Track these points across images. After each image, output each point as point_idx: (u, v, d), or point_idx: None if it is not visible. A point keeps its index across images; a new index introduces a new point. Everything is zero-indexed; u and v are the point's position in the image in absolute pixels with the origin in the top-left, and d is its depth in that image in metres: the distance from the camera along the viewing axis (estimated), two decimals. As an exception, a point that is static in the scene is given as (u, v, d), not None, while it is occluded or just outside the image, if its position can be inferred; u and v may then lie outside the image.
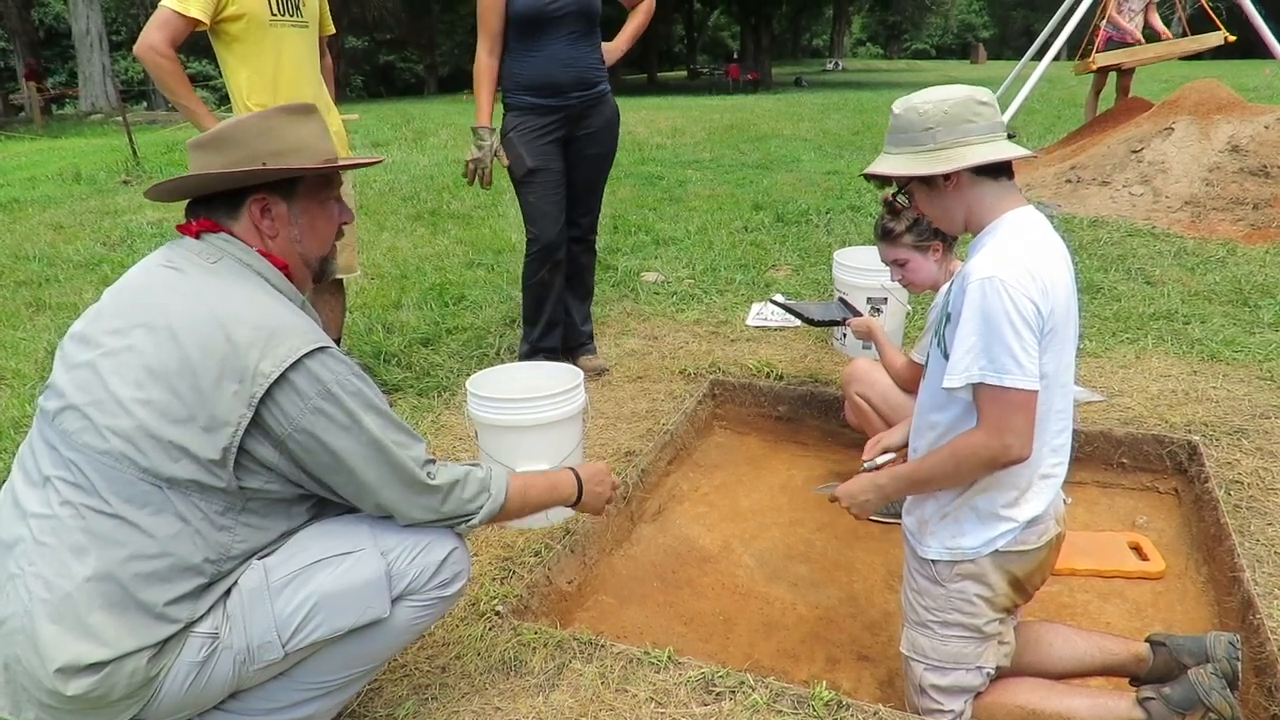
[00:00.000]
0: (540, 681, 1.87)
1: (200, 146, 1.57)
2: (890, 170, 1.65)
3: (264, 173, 1.54)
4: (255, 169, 1.53)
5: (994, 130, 1.62)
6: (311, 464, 1.45)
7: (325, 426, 1.43)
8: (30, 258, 5.68)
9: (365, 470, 1.47)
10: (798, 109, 14.85)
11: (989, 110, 1.62)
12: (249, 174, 1.53)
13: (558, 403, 2.46)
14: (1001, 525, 1.67)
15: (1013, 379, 1.51)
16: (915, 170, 1.62)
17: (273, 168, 1.54)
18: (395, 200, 7.46)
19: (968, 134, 1.59)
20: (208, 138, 1.58)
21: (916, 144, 1.63)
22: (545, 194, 3.38)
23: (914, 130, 1.63)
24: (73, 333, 1.50)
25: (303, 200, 1.61)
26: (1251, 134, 6.04)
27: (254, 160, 1.53)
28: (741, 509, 2.96)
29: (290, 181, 1.59)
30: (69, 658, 1.28)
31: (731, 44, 52.39)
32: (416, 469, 1.52)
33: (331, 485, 1.49)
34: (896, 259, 2.63)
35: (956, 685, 1.77)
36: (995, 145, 1.60)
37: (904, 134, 1.65)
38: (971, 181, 1.63)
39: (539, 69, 3.24)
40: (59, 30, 33.83)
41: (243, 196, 1.56)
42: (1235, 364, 3.47)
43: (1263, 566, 2.23)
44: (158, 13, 2.82)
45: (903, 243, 2.59)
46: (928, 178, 1.63)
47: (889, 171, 1.65)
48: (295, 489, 1.50)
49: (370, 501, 1.51)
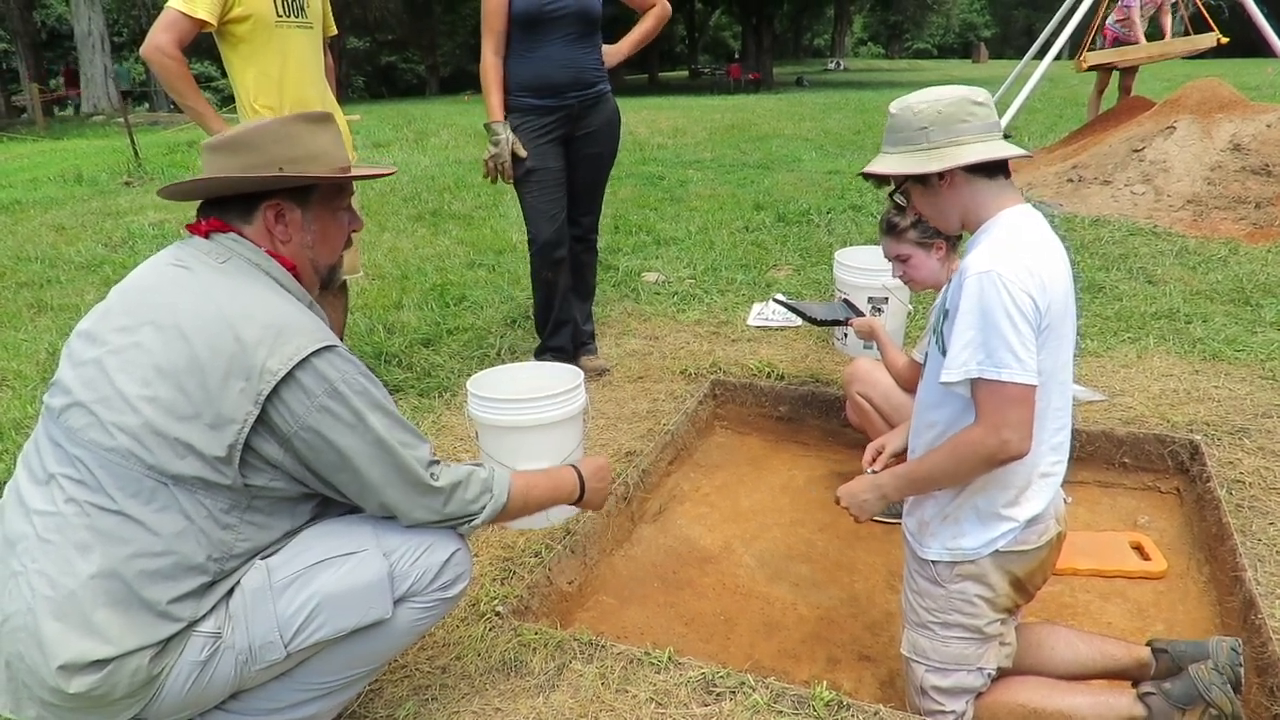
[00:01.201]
0: (540, 682, 1.87)
1: (217, 149, 1.57)
2: (885, 169, 1.67)
3: (282, 179, 1.55)
4: (273, 174, 1.54)
5: (989, 130, 1.62)
6: (317, 462, 1.46)
7: (331, 425, 1.43)
8: (32, 259, 5.69)
9: (370, 469, 1.47)
10: (799, 109, 14.85)
11: (984, 110, 1.63)
12: (267, 179, 1.54)
13: (558, 403, 2.46)
14: (1002, 525, 1.67)
15: (1010, 373, 1.51)
16: (909, 169, 1.63)
17: (291, 174, 1.55)
18: (396, 201, 7.46)
19: (962, 133, 1.61)
20: (225, 140, 1.58)
21: (911, 143, 1.64)
22: (543, 194, 3.39)
23: (909, 130, 1.64)
24: (80, 330, 1.50)
25: (317, 207, 1.63)
26: (1254, 133, 6.03)
27: (271, 166, 1.54)
28: (742, 509, 2.96)
29: (305, 189, 1.60)
30: (72, 655, 1.28)
31: (733, 44, 52.40)
32: (420, 469, 1.52)
33: (336, 484, 1.49)
34: (899, 254, 2.63)
35: (958, 686, 1.77)
36: (989, 145, 1.61)
37: (899, 133, 1.66)
38: (966, 180, 1.64)
39: (536, 69, 3.26)
40: (61, 32, 33.88)
41: (257, 201, 1.57)
42: (1237, 363, 3.46)
43: (1264, 566, 2.22)
44: (164, 14, 2.82)
45: (907, 238, 2.59)
46: (922, 176, 1.65)
47: (885, 170, 1.67)
48: (299, 487, 1.50)
49: (374, 501, 1.51)
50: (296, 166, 1.56)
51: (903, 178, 1.67)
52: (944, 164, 1.60)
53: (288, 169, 1.55)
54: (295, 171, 1.55)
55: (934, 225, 1.80)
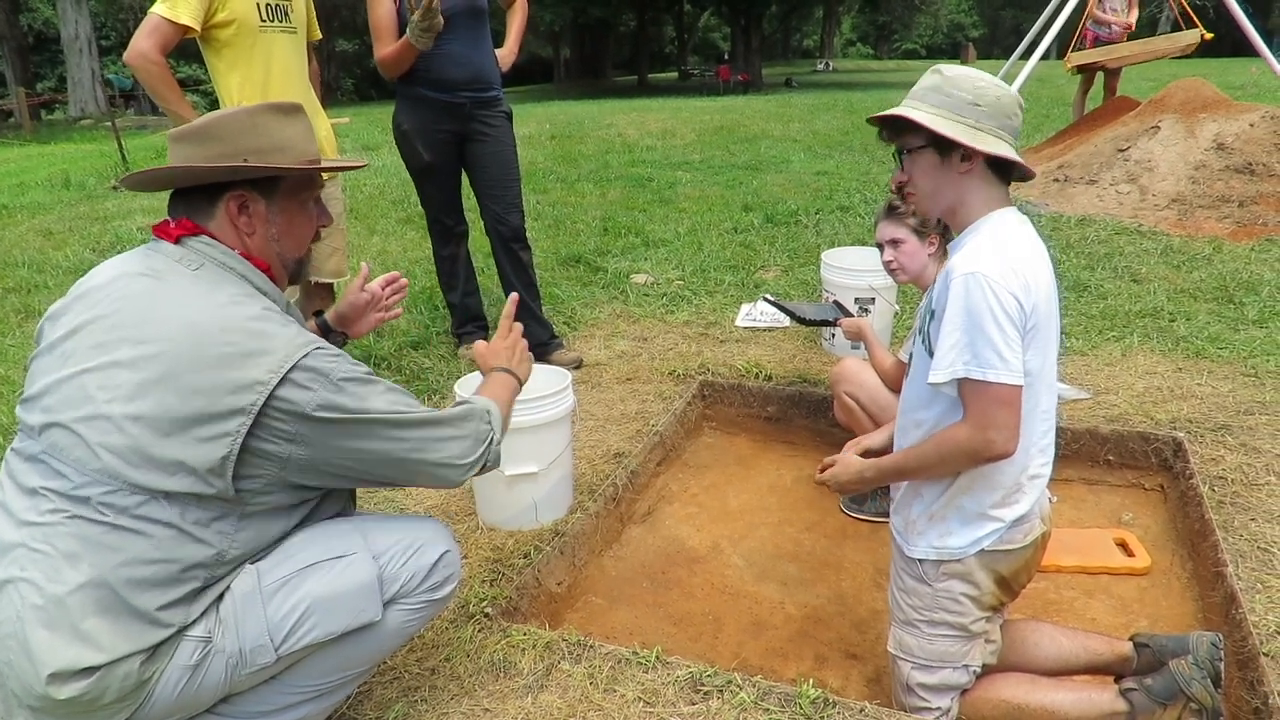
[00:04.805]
0: (529, 683, 1.88)
1: (182, 139, 1.54)
2: (926, 121, 1.58)
3: (245, 169, 1.52)
4: (236, 165, 1.51)
5: (1016, 137, 1.64)
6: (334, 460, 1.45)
7: (339, 419, 1.42)
8: (19, 264, 5.67)
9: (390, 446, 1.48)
10: (788, 110, 14.87)
11: (1021, 119, 1.63)
12: (229, 169, 1.52)
13: (547, 404, 2.47)
14: (988, 525, 1.68)
15: (996, 373, 1.52)
16: (953, 133, 1.57)
17: (254, 164, 1.52)
18: (385, 204, 7.45)
19: (1003, 127, 1.60)
20: (191, 130, 1.55)
21: (956, 112, 1.59)
22: (440, 184, 3.65)
23: (959, 99, 1.59)
24: (50, 342, 1.47)
25: (282, 199, 1.60)
26: (1237, 132, 6.08)
27: (236, 156, 1.52)
28: (731, 509, 2.97)
29: (271, 180, 1.57)
30: (62, 663, 1.28)
31: (722, 45, 52.47)
32: (432, 415, 1.53)
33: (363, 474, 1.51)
34: (895, 237, 2.62)
35: (943, 683, 1.79)
36: (1014, 150, 1.62)
37: (946, 97, 1.60)
38: (983, 172, 1.63)
39: (434, 65, 3.37)
40: (48, 35, 33.69)
41: (221, 192, 1.54)
42: (1220, 361, 3.50)
43: (1245, 562, 2.25)
44: (148, 19, 2.82)
45: (905, 223, 2.60)
46: (947, 147, 1.60)
47: (922, 120, 1.58)
48: (298, 493, 1.50)
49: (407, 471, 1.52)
50: (261, 157, 1.53)
51: (933, 135, 1.59)
52: (986, 147, 1.57)
53: (252, 159, 1.52)
54: (259, 162, 1.53)
55: (920, 204, 1.74)
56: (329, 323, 2.02)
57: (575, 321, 4.38)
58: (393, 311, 2.12)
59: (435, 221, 3.81)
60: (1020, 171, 1.65)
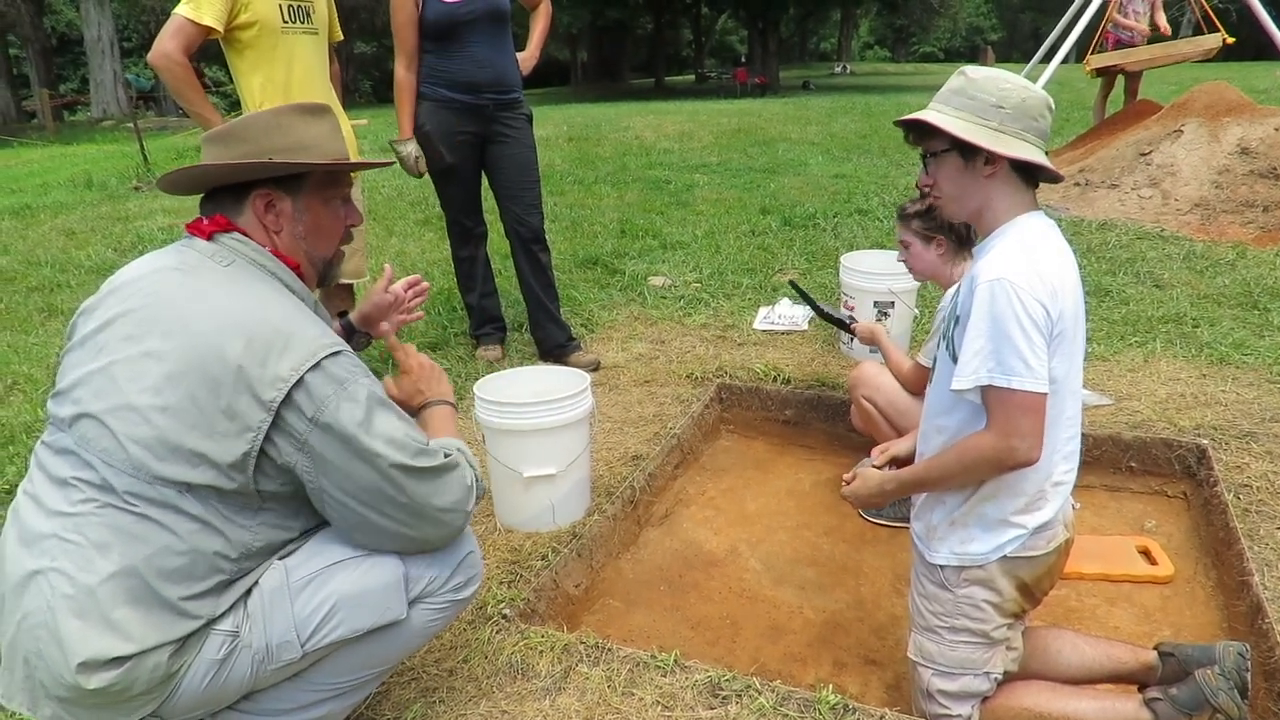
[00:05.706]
0: (547, 685, 1.88)
1: (213, 140, 1.60)
2: (948, 126, 1.57)
3: (268, 166, 1.55)
4: (259, 162, 1.54)
5: (1043, 139, 1.61)
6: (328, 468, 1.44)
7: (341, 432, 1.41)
8: (42, 263, 5.73)
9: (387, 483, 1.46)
10: (805, 113, 14.82)
11: (1049, 120, 1.61)
12: (253, 167, 1.55)
13: (565, 407, 2.47)
14: (1010, 531, 1.67)
15: (1021, 381, 1.50)
16: (974, 137, 1.56)
17: (277, 161, 1.55)
18: (403, 205, 7.49)
19: (1029, 130, 1.58)
20: (220, 132, 1.60)
21: (980, 115, 1.57)
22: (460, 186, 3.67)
23: (983, 101, 1.57)
24: (82, 337, 1.49)
25: (307, 198, 1.62)
26: (1261, 136, 6.01)
27: (261, 155, 1.55)
28: (748, 513, 2.96)
29: (297, 178, 1.60)
30: (92, 652, 1.29)
31: (739, 48, 52.38)
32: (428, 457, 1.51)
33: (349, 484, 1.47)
34: (902, 240, 2.68)
35: (964, 690, 1.77)
36: (1041, 154, 1.60)
37: (970, 100, 1.58)
38: (1007, 175, 1.61)
39: (457, 67, 3.41)
40: (71, 37, 34.09)
41: (248, 190, 1.57)
42: (1245, 367, 3.46)
43: (1272, 571, 2.22)
44: (171, 20, 2.85)
45: (910, 226, 2.62)
46: (972, 151, 1.58)
47: (944, 125, 1.57)
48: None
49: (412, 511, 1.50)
50: (286, 155, 1.56)
51: (955, 140, 1.57)
52: (1010, 150, 1.55)
53: (277, 157, 1.55)
54: (284, 160, 1.56)
55: (945, 207, 1.73)
56: (353, 323, 2.04)
57: (593, 323, 4.38)
58: (414, 314, 2.15)
59: (455, 223, 3.83)
60: (1047, 174, 1.63)
